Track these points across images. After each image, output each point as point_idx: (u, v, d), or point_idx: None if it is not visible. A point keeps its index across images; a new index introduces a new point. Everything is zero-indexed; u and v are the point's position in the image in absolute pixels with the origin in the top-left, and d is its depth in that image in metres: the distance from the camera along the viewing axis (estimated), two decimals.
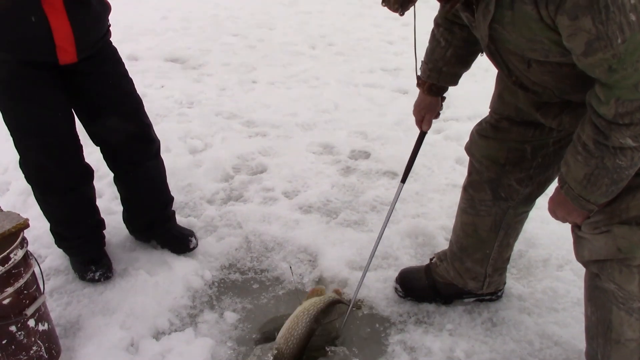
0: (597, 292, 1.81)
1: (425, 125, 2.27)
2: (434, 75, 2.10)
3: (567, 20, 1.36)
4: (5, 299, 1.91)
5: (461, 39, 1.99)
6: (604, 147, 1.49)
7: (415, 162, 3.49)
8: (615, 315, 1.78)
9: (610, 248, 1.68)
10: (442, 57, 2.05)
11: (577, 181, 1.59)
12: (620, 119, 1.42)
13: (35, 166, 2.36)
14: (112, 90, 2.38)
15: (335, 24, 6.70)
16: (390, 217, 3.01)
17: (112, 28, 2.43)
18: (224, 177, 3.52)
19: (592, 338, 1.91)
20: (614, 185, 1.55)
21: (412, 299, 2.47)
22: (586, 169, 1.55)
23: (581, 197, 1.61)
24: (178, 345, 2.23)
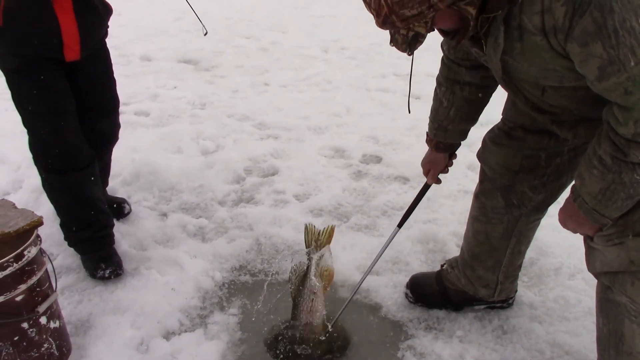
0: (609, 304, 1.79)
1: (431, 179, 2.32)
2: (440, 133, 2.16)
3: (577, 48, 1.36)
4: (18, 295, 1.92)
5: (462, 99, 2.04)
6: (622, 163, 1.48)
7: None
8: (627, 328, 1.75)
9: (623, 260, 1.67)
10: (446, 117, 2.10)
11: (592, 195, 1.57)
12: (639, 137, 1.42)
13: (40, 142, 2.47)
14: (97, 88, 2.59)
15: (347, 28, 6.72)
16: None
17: (125, 29, 2.49)
18: (236, 178, 3.52)
19: (603, 350, 1.89)
20: (629, 200, 1.54)
21: (422, 304, 2.46)
22: (602, 183, 1.53)
23: (595, 211, 1.59)
24: (188, 346, 2.23)
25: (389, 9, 1.38)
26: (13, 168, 3.52)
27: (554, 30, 1.39)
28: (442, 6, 1.37)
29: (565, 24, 1.35)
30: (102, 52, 2.58)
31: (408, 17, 1.38)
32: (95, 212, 2.62)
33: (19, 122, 2.45)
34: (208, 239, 2.94)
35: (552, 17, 1.37)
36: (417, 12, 1.37)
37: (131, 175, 3.38)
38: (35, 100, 2.35)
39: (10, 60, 2.29)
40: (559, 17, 1.36)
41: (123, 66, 5.24)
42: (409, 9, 1.37)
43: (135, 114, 4.41)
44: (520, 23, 1.47)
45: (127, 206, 3.07)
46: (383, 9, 1.39)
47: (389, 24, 1.43)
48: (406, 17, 1.38)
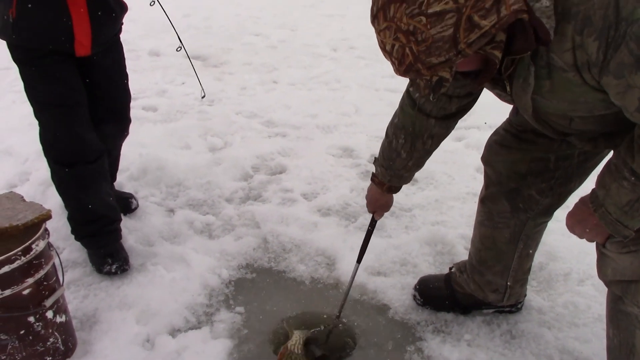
0: (620, 315, 1.76)
1: (378, 216, 2.35)
2: (395, 180, 2.19)
3: (613, 80, 1.33)
4: (26, 289, 1.91)
5: (423, 151, 2.07)
6: None
7: (434, 170, 3.50)
8: (638, 339, 1.72)
9: (637, 269, 1.64)
10: (404, 167, 2.13)
11: (618, 206, 1.53)
12: None
13: (51, 134, 2.47)
14: (109, 83, 2.58)
15: (357, 27, 6.68)
16: (410, 224, 3.03)
17: (135, 24, 2.50)
18: (243, 176, 3.51)
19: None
20: None
21: (430, 307, 2.44)
22: (632, 195, 1.50)
23: (619, 222, 1.55)
24: (194, 344, 2.21)
25: (414, 57, 1.33)
26: (20, 161, 3.51)
27: (588, 65, 1.36)
28: (470, 52, 1.31)
29: (599, 57, 1.31)
30: (116, 47, 2.57)
31: (435, 64, 1.33)
32: (103, 206, 2.62)
33: (27, 115, 2.45)
34: (215, 236, 2.93)
35: (584, 52, 1.34)
36: (445, 59, 1.32)
37: (138, 170, 3.37)
38: (47, 92, 2.35)
39: (23, 52, 2.29)
40: (592, 52, 1.32)
41: (132, 61, 5.17)
42: (435, 57, 1.31)
43: (143, 109, 4.41)
44: (549, 61, 1.43)
45: (135, 201, 3.06)
46: (407, 57, 1.34)
47: (413, 72, 1.38)
48: (432, 64, 1.33)
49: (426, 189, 3.38)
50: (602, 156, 1.97)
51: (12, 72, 2.33)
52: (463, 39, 1.28)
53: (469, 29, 1.27)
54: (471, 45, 1.29)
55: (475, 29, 1.27)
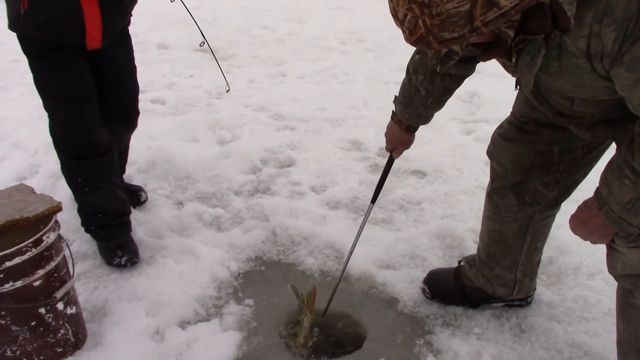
0: (630, 308, 1.75)
1: (397, 154, 2.34)
2: (413, 118, 2.17)
3: (624, 72, 1.32)
4: (36, 280, 1.92)
5: (442, 89, 2.04)
6: None
7: (443, 164, 3.49)
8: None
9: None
10: (422, 104, 2.10)
11: (621, 204, 1.53)
12: None
13: (61, 127, 2.47)
14: (118, 75, 2.59)
15: (365, 20, 6.68)
16: (419, 218, 3.02)
17: (143, 17, 2.50)
18: (252, 169, 3.51)
19: (624, 354, 1.86)
20: None
21: (439, 301, 2.44)
22: (633, 193, 1.49)
23: (623, 220, 1.54)
24: (204, 336, 2.22)
25: (426, 30, 1.28)
26: (30, 153, 3.52)
27: (601, 55, 1.34)
28: (485, 30, 1.26)
29: (614, 49, 1.30)
30: (125, 39, 2.58)
31: (447, 39, 1.29)
32: (113, 199, 2.62)
33: (36, 107, 2.45)
34: (224, 229, 2.93)
35: (600, 42, 1.32)
36: (458, 35, 1.27)
37: (147, 163, 3.37)
38: (56, 85, 2.35)
39: (33, 44, 2.29)
40: (608, 43, 1.30)
41: (140, 54, 5.19)
42: (449, 32, 1.27)
43: (152, 102, 4.41)
44: (561, 43, 1.42)
45: (144, 194, 3.07)
46: (419, 29, 1.29)
47: (424, 44, 1.33)
48: (445, 39, 1.29)
49: (435, 183, 3.37)
50: (605, 147, 1.97)
51: (22, 65, 2.34)
52: (479, 16, 1.23)
53: (487, 7, 1.23)
54: (488, 24, 1.25)
55: (494, 7, 1.23)
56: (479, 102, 4.46)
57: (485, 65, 2.06)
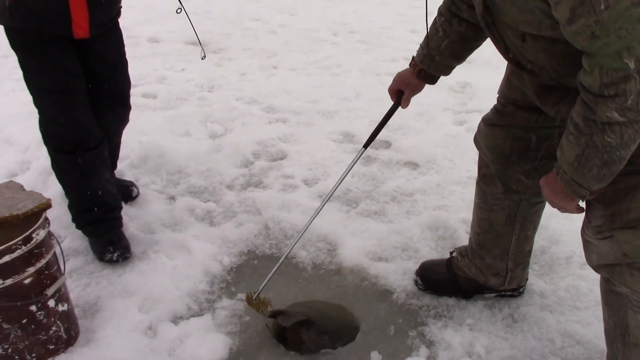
0: (612, 296, 1.79)
1: (405, 103, 2.29)
2: (426, 61, 2.12)
3: None
4: (27, 278, 1.91)
5: (457, 33, 2.00)
6: (593, 124, 1.45)
7: (435, 154, 3.48)
8: (631, 318, 1.75)
9: (616, 253, 1.66)
10: (437, 47, 2.06)
11: (569, 163, 1.54)
12: (606, 90, 1.37)
13: (50, 121, 2.46)
14: (109, 70, 2.58)
15: (357, 11, 6.64)
16: (411, 209, 3.02)
17: (134, 10, 2.48)
18: (244, 162, 3.50)
19: (611, 342, 1.88)
20: (605, 168, 1.49)
21: (432, 292, 2.44)
22: (577, 149, 1.50)
23: (573, 181, 1.56)
24: (197, 331, 2.22)
25: None
26: (21, 149, 3.50)
27: None
28: None
29: None
30: (115, 32, 2.57)
31: None
32: (104, 193, 2.61)
33: (27, 103, 2.44)
34: (216, 223, 2.92)
35: None
36: None
37: (139, 158, 3.36)
38: (45, 78, 2.34)
39: (21, 37, 2.28)
40: None
41: (131, 47, 5.12)
42: None
43: (143, 96, 4.39)
44: None
45: (135, 189, 3.06)
46: None
47: None
48: None
49: (427, 174, 3.37)
50: None
51: (11, 60, 2.33)
52: None
53: None
54: None
55: None
56: (472, 92, 4.45)
57: (477, 55, 2.07)
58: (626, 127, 1.41)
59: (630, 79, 1.33)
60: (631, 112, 1.37)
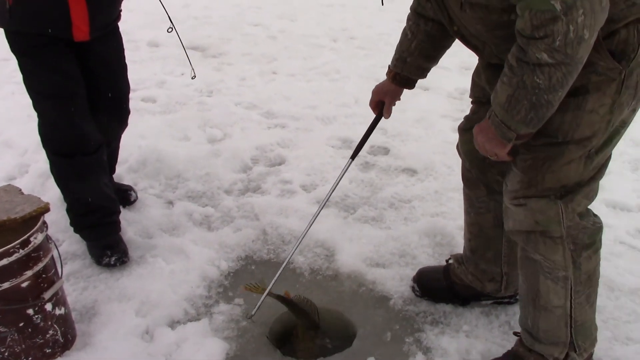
0: (526, 262, 1.91)
1: (387, 113, 2.30)
2: (399, 64, 2.15)
3: None
4: (24, 282, 1.91)
5: (424, 32, 2.04)
6: (525, 65, 1.48)
7: (433, 161, 3.49)
8: (542, 283, 1.87)
9: (530, 221, 1.78)
10: (407, 49, 2.10)
11: (501, 105, 1.58)
12: (537, 32, 1.41)
13: (49, 125, 2.47)
14: (108, 73, 2.59)
15: (357, 17, 6.66)
16: (409, 216, 3.03)
17: (133, 14, 2.50)
18: (242, 167, 3.51)
19: (524, 306, 1.99)
20: (533, 111, 1.54)
21: (429, 299, 2.45)
22: (509, 90, 1.54)
23: (503, 124, 1.60)
24: (194, 335, 2.22)
25: None
26: (19, 152, 3.51)
27: None
28: None
29: None
30: (114, 36, 2.58)
31: None
32: (102, 197, 2.62)
33: (25, 106, 2.44)
34: (214, 228, 2.93)
35: None
36: None
37: (137, 162, 3.37)
38: (45, 82, 2.35)
39: (20, 41, 2.29)
40: None
41: (131, 52, 5.14)
42: None
43: (142, 100, 4.40)
44: None
45: (134, 193, 3.06)
46: None
47: None
48: None
49: (425, 180, 3.38)
50: None
51: (11, 64, 2.35)
52: None
53: None
54: None
55: None
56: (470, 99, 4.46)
57: (475, 61, 2.08)
58: (554, 69, 1.45)
59: (557, 20, 1.36)
60: (559, 53, 1.41)
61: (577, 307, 1.88)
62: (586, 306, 1.91)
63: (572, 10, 1.34)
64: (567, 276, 1.83)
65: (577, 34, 1.38)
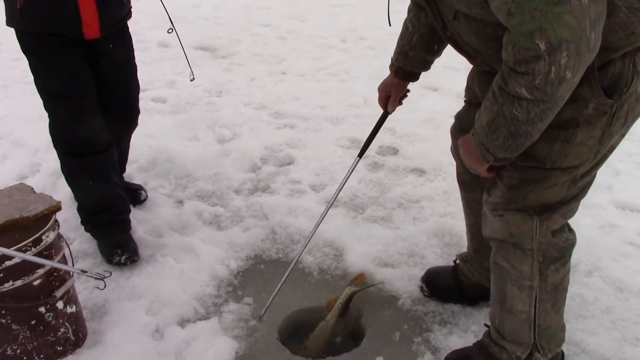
0: (496, 266, 1.96)
1: (391, 107, 2.30)
2: (401, 58, 2.15)
3: None
4: (36, 280, 1.93)
5: (426, 25, 2.04)
6: (505, 94, 1.48)
7: (442, 161, 3.49)
8: (509, 289, 1.91)
9: (504, 231, 1.82)
10: (408, 42, 2.10)
11: (482, 127, 1.60)
12: (518, 66, 1.40)
13: (60, 125, 2.49)
14: (118, 73, 2.61)
15: (366, 18, 6.66)
16: (417, 216, 3.03)
17: (144, 15, 2.50)
18: (252, 167, 3.52)
19: (493, 304, 2.04)
20: (511, 139, 1.54)
21: (437, 298, 2.45)
22: (490, 115, 1.55)
23: (483, 145, 1.61)
24: (203, 334, 2.23)
25: None
26: (31, 152, 3.54)
27: None
28: None
29: None
30: (124, 36, 2.60)
31: None
32: (113, 196, 2.64)
33: (37, 106, 2.46)
34: (223, 227, 2.94)
35: None
36: None
37: (148, 162, 3.39)
38: (55, 83, 2.37)
39: (31, 41, 2.31)
40: None
41: (141, 52, 5.19)
42: None
43: (152, 101, 4.42)
44: None
45: (144, 193, 3.08)
46: None
47: None
48: None
49: (434, 181, 3.38)
50: None
51: (22, 64, 2.37)
52: None
53: None
54: None
55: None
56: None
57: None
58: (533, 105, 1.44)
59: (540, 59, 1.35)
60: (538, 91, 1.40)
61: (542, 313, 1.91)
62: (552, 312, 1.94)
63: (556, 51, 1.32)
64: (532, 286, 1.87)
65: (558, 74, 1.36)
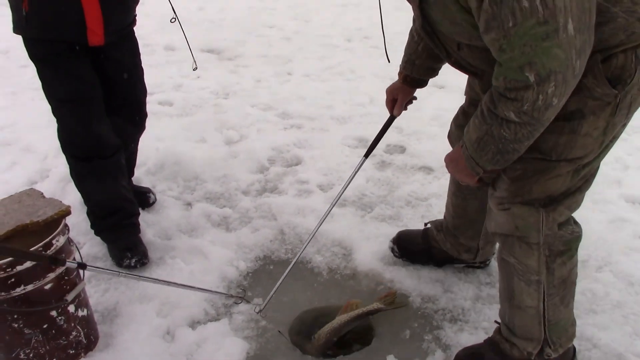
0: (502, 262, 1.97)
1: (397, 110, 2.36)
2: (408, 66, 2.22)
3: (474, 2, 1.41)
4: (47, 284, 1.94)
5: None
6: (494, 116, 1.55)
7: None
8: (516, 284, 1.93)
9: (510, 225, 1.84)
10: (414, 51, 2.17)
11: (471, 142, 1.66)
12: (508, 93, 1.47)
13: (68, 130, 2.51)
14: (125, 78, 2.60)
15: (371, 17, 6.65)
16: (426, 213, 3.03)
17: (149, 19, 2.51)
18: (259, 168, 3.53)
19: (502, 302, 2.06)
20: (499, 155, 1.62)
21: (406, 259, 2.60)
22: (479, 132, 1.62)
23: (472, 159, 1.68)
24: (214, 335, 2.24)
25: None
26: (40, 157, 3.56)
27: None
28: None
29: None
30: (130, 41, 2.60)
31: None
32: (121, 200, 2.65)
33: (45, 111, 2.48)
34: (232, 229, 2.95)
35: None
36: None
37: (156, 165, 3.40)
38: (62, 88, 2.38)
39: (37, 47, 2.32)
40: None
41: (147, 56, 5.19)
42: None
43: (159, 104, 4.44)
44: None
45: (152, 196, 3.09)
46: None
47: None
48: None
49: (442, 178, 3.38)
50: None
51: (31, 70, 2.38)
52: None
53: None
54: None
55: None
56: None
57: None
58: (520, 127, 1.52)
59: (529, 88, 1.42)
60: (526, 115, 1.48)
61: (550, 307, 1.92)
62: (561, 306, 1.94)
63: (545, 82, 1.39)
64: (539, 280, 1.88)
65: (545, 102, 1.43)
